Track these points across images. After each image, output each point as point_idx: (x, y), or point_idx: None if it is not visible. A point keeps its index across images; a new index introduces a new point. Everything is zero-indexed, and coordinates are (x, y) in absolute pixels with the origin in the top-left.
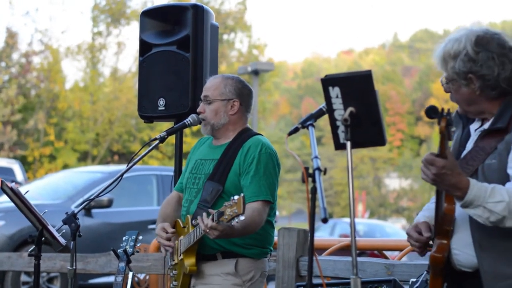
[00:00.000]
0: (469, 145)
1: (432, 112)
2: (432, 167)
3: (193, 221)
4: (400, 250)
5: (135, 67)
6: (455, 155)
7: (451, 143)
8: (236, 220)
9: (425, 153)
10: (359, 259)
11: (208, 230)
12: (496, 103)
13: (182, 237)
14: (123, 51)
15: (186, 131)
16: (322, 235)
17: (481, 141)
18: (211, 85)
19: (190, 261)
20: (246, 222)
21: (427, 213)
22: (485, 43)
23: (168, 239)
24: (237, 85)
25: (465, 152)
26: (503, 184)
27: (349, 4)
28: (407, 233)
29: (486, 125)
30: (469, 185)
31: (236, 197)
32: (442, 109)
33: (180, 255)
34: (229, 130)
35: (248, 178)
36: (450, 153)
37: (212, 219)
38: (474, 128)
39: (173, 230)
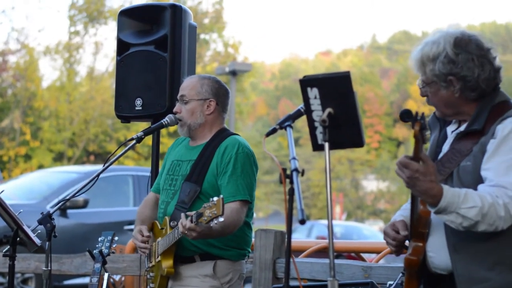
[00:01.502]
0: (446, 147)
1: (406, 116)
2: (405, 170)
3: (171, 223)
4: (378, 252)
5: (112, 67)
6: (432, 157)
7: (427, 146)
8: (215, 221)
9: (402, 155)
10: (337, 261)
11: (186, 232)
12: (474, 105)
13: (159, 238)
14: (100, 51)
15: (163, 131)
16: (299, 237)
17: (457, 143)
18: (187, 85)
19: (167, 263)
20: (225, 222)
21: (404, 212)
22: (464, 45)
23: (144, 242)
24: (214, 85)
25: (441, 154)
26: (478, 185)
27: (327, 5)
28: (384, 232)
29: (463, 127)
30: (442, 192)
31: (215, 198)
32: (416, 113)
33: (158, 257)
34: (205, 131)
35: (225, 178)
36: (428, 159)
37: (191, 221)
38: (451, 130)
39: (148, 234)
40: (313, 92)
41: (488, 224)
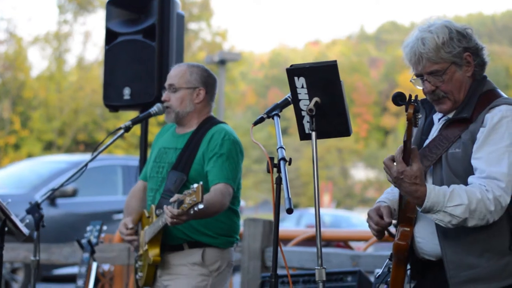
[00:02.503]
0: (433, 133)
1: (399, 98)
2: (390, 171)
3: (157, 211)
4: (366, 240)
5: (101, 56)
6: (417, 143)
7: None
8: (196, 208)
9: (391, 144)
10: (325, 250)
11: (175, 220)
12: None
13: (147, 227)
14: (90, 40)
15: (152, 121)
16: (288, 225)
17: (445, 130)
18: (176, 73)
19: (154, 252)
20: (210, 202)
21: (390, 196)
22: (458, 24)
23: (129, 235)
24: (203, 74)
25: (428, 141)
26: (468, 173)
27: None
28: (368, 214)
29: (451, 115)
30: (426, 194)
31: (195, 185)
32: (410, 96)
33: (145, 246)
34: (193, 119)
35: (211, 163)
36: (417, 160)
37: (173, 207)
38: (438, 118)
39: (132, 226)
40: (300, 81)
41: (478, 219)
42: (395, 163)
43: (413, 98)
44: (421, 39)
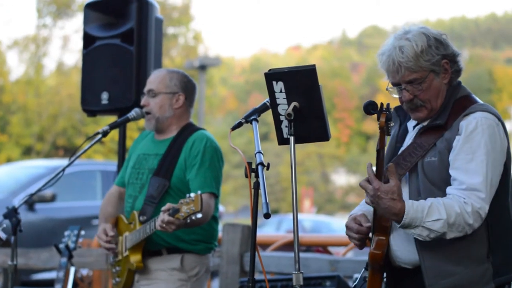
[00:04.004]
0: (408, 141)
1: (371, 107)
2: (367, 191)
3: (141, 217)
4: (345, 245)
5: (81, 61)
6: (391, 152)
7: (388, 139)
8: (193, 217)
9: (372, 149)
10: (303, 255)
11: (165, 225)
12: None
13: (127, 233)
14: (68, 44)
15: (132, 125)
16: (268, 230)
17: (419, 138)
18: (155, 78)
19: (136, 258)
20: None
21: (363, 207)
22: (434, 31)
23: (109, 242)
24: (182, 79)
25: (403, 148)
26: (445, 182)
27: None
28: (346, 226)
29: (426, 122)
30: (404, 210)
31: (192, 194)
32: (382, 104)
33: (125, 252)
34: (173, 125)
35: (193, 171)
36: (393, 176)
37: (168, 215)
38: (412, 125)
39: (113, 234)
40: (278, 86)
41: (457, 232)
42: (371, 184)
43: (384, 106)
44: (399, 47)
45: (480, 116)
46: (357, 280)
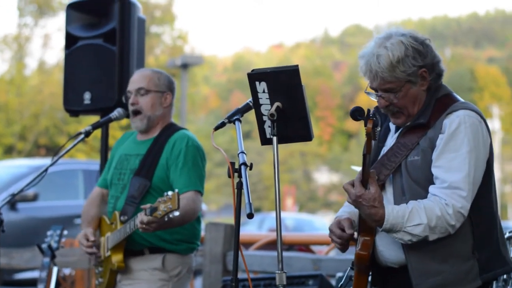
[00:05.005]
0: (390, 141)
1: (358, 113)
2: (349, 195)
3: (121, 217)
4: (328, 244)
5: (62, 60)
6: (375, 151)
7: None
8: (171, 215)
9: (354, 147)
10: (286, 254)
11: (145, 226)
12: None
13: (109, 233)
14: (50, 43)
15: (115, 125)
16: (251, 229)
17: (403, 138)
18: (143, 77)
19: (118, 258)
20: (184, 210)
21: (348, 208)
22: (419, 37)
23: (90, 247)
24: (168, 79)
25: (386, 149)
26: (429, 181)
27: None
28: (330, 229)
29: (408, 122)
30: (384, 217)
31: (170, 192)
32: (368, 110)
33: (107, 252)
34: (159, 124)
35: (177, 171)
36: (374, 183)
37: (145, 214)
38: (394, 125)
39: (94, 239)
40: (261, 86)
41: (439, 234)
42: (353, 187)
43: (371, 112)
44: (376, 56)
45: (462, 114)
46: (343, 279)
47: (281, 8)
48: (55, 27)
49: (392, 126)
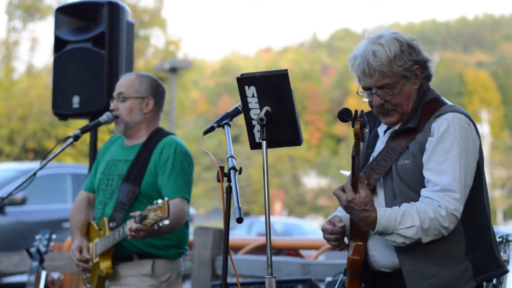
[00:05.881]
0: (380, 146)
1: (345, 115)
2: (340, 200)
3: (110, 224)
4: (317, 248)
5: (51, 63)
6: (363, 157)
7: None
8: (160, 224)
9: (343, 152)
10: (275, 258)
11: (134, 233)
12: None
13: (97, 239)
14: (38, 47)
15: (103, 128)
16: (239, 233)
17: (392, 142)
18: (125, 82)
19: (106, 264)
20: (173, 218)
21: (340, 213)
22: (406, 36)
23: (82, 261)
24: (152, 84)
25: (375, 153)
26: (420, 184)
27: (268, 3)
28: (322, 229)
29: (397, 126)
30: (376, 220)
31: (159, 201)
32: (356, 111)
33: (96, 258)
34: (142, 129)
35: (165, 177)
36: (364, 186)
37: (135, 222)
38: (383, 130)
39: (88, 257)
40: (250, 90)
41: (432, 236)
42: (344, 192)
43: (359, 113)
44: (373, 52)
45: (451, 117)
46: (336, 286)
47: (269, 12)
48: (42, 31)
49: (381, 132)
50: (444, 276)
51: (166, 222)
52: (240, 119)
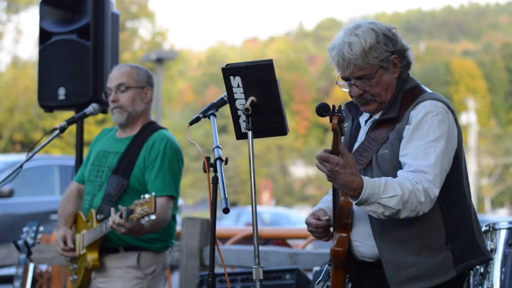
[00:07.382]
0: (361, 137)
1: (323, 110)
2: (326, 164)
3: (98, 216)
4: (305, 238)
5: (36, 55)
6: (347, 147)
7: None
8: (147, 219)
9: (330, 141)
10: (263, 248)
11: (115, 227)
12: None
13: (85, 231)
14: (23, 38)
15: (91, 120)
16: (227, 223)
17: (373, 132)
18: (122, 73)
19: (93, 256)
20: (155, 219)
21: (322, 205)
22: (385, 26)
23: (66, 251)
24: (147, 74)
25: (357, 144)
26: (396, 172)
27: None
28: (306, 222)
29: (377, 116)
30: (362, 185)
31: (147, 196)
32: (333, 106)
33: (83, 249)
34: (140, 120)
35: (153, 173)
36: (346, 152)
37: (120, 216)
38: (364, 120)
39: (72, 246)
40: (236, 81)
41: (409, 211)
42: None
43: (336, 108)
44: (348, 44)
45: (429, 104)
46: (321, 276)
47: (255, 2)
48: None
49: (363, 122)
50: (423, 266)
51: (153, 217)
52: (227, 109)
